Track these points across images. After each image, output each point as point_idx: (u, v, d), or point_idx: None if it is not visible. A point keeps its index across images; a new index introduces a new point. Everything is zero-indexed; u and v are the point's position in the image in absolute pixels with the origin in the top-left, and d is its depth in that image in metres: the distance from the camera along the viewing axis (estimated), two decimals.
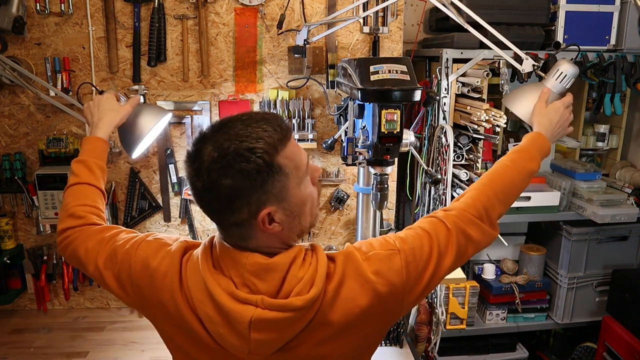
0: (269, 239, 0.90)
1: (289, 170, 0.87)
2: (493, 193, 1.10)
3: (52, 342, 1.89)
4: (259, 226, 0.86)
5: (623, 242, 2.28)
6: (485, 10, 1.95)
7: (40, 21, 1.89)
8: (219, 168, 0.82)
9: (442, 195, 1.87)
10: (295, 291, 0.85)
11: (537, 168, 1.21)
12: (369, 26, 2.01)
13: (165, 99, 2.01)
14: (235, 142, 0.83)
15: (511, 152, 1.22)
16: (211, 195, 0.85)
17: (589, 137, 2.41)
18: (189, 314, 0.90)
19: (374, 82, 1.45)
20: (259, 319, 0.84)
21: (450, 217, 1.03)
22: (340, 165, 2.12)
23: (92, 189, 1.24)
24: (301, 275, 0.87)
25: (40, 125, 1.98)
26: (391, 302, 0.93)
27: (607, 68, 1.97)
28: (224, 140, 0.84)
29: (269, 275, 0.87)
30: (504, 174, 1.16)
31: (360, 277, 0.90)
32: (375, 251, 0.94)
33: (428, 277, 0.97)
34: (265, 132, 0.84)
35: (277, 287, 0.87)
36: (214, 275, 0.88)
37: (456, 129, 1.90)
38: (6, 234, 1.99)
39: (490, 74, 1.80)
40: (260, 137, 0.83)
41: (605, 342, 2.22)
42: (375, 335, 0.99)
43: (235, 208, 0.85)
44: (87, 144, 1.33)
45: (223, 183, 0.83)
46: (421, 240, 0.98)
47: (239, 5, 1.94)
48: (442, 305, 2.02)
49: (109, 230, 1.10)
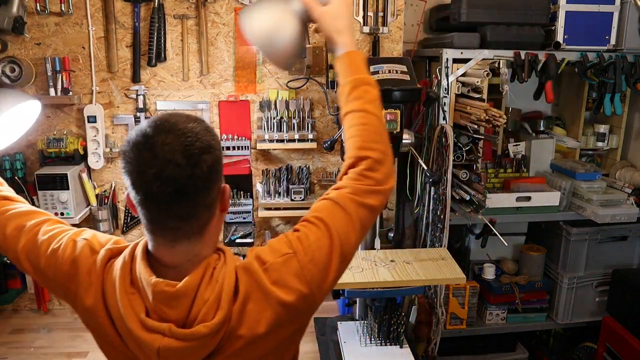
0: (215, 230, 0.91)
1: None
2: (374, 149, 1.02)
3: (52, 342, 1.89)
4: (223, 198, 0.90)
5: (623, 242, 2.28)
6: (485, 10, 1.96)
7: (40, 21, 1.89)
8: (197, 148, 0.82)
9: (442, 195, 1.87)
10: (201, 317, 0.83)
11: (376, 90, 1.09)
12: (369, 26, 2.01)
13: (165, 99, 2.01)
14: (200, 125, 0.86)
15: (351, 95, 1.07)
16: (194, 177, 0.82)
17: (589, 137, 2.41)
18: (110, 326, 0.89)
19: None
20: (166, 348, 0.83)
21: (345, 198, 0.97)
22: (340, 165, 2.12)
23: None
24: (207, 296, 0.84)
25: (40, 125, 1.98)
26: (302, 305, 0.90)
27: (607, 68, 1.97)
28: (200, 127, 0.85)
29: (177, 303, 0.84)
30: (368, 124, 1.05)
31: (263, 292, 0.88)
32: (272, 261, 0.90)
33: (335, 267, 0.93)
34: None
35: (186, 312, 0.85)
36: (129, 296, 0.86)
37: (456, 129, 1.90)
38: None
39: (490, 74, 1.80)
40: (202, 119, 0.89)
41: (605, 342, 2.22)
42: (295, 334, 0.97)
43: (212, 185, 0.86)
44: None
45: (206, 159, 0.83)
46: (318, 234, 0.93)
47: (239, 5, 1.94)
48: (442, 305, 2.02)
49: (30, 216, 1.03)
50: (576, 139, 2.38)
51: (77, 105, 1.96)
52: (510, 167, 2.22)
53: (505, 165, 2.22)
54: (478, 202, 1.83)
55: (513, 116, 2.36)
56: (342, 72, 1.09)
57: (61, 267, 0.94)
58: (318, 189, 2.15)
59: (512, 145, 2.31)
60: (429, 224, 1.97)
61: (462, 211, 1.92)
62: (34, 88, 1.94)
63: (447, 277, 1.59)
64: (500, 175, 2.20)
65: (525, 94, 2.16)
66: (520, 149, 2.31)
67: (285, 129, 2.02)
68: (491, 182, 2.19)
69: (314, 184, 2.15)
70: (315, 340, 1.83)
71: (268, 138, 2.01)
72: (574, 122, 2.42)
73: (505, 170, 2.21)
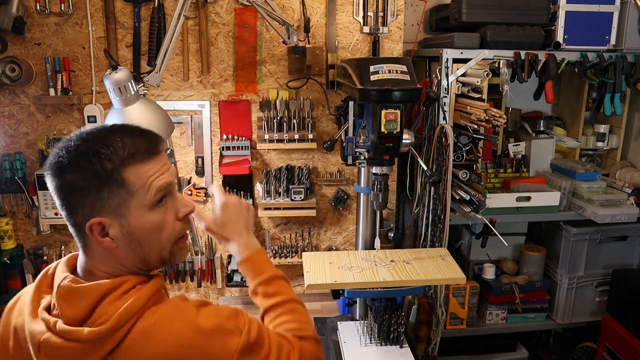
0: (105, 257, 0.88)
1: (135, 189, 0.85)
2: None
3: None
4: (91, 235, 0.85)
5: (623, 242, 2.28)
6: (485, 10, 1.96)
7: (40, 21, 1.89)
8: (66, 162, 0.83)
9: (442, 195, 1.87)
10: (91, 322, 0.81)
11: (287, 280, 1.11)
12: (369, 26, 2.01)
13: (165, 99, 2.01)
14: (89, 143, 0.84)
15: (269, 292, 1.07)
16: (53, 186, 0.85)
17: (589, 137, 2.41)
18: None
19: (374, 82, 1.46)
20: (46, 342, 0.81)
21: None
22: (340, 165, 2.12)
23: None
24: (111, 311, 0.81)
25: (40, 125, 1.98)
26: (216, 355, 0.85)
27: (607, 68, 1.97)
28: (83, 140, 0.84)
29: (75, 301, 0.82)
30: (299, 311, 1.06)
31: (186, 319, 0.85)
32: (217, 318, 0.87)
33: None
34: (120, 143, 0.84)
35: (86, 315, 0.82)
36: (41, 295, 0.88)
37: (456, 129, 1.90)
38: (6, 234, 1.99)
39: (490, 74, 1.80)
40: (111, 145, 0.83)
41: (605, 342, 2.22)
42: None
43: (72, 206, 0.85)
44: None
45: (65, 177, 0.83)
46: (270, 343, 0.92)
47: (239, 5, 1.94)
48: (442, 305, 2.02)
49: None
50: (576, 139, 2.38)
51: (77, 105, 1.96)
52: (510, 167, 2.22)
53: (505, 165, 2.22)
54: (478, 202, 1.83)
55: (513, 116, 2.36)
56: (249, 276, 1.10)
57: None
58: (318, 189, 2.15)
59: (512, 145, 2.31)
60: (429, 224, 1.97)
61: (462, 211, 1.92)
62: (34, 88, 1.94)
63: (447, 277, 1.59)
64: (500, 175, 2.20)
65: (525, 94, 2.16)
66: (520, 149, 2.31)
67: (285, 129, 2.02)
68: (491, 182, 2.19)
69: (314, 184, 2.15)
70: None
71: (268, 138, 2.01)
72: (574, 122, 2.42)
73: (505, 170, 2.21)
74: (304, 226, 2.18)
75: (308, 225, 2.18)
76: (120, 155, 0.83)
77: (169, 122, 1.56)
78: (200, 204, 2.09)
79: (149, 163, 0.87)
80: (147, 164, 0.87)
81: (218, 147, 2.06)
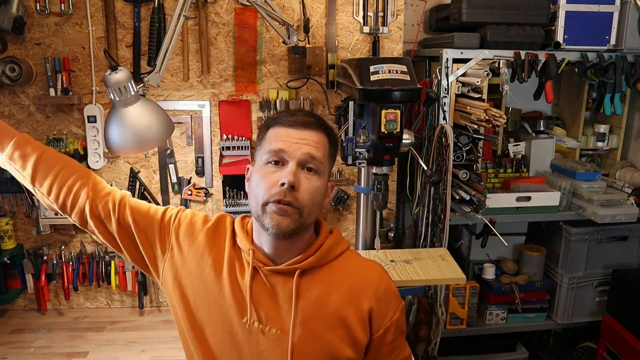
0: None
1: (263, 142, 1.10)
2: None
3: (52, 342, 1.89)
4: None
5: (623, 242, 2.28)
6: (485, 10, 1.96)
7: (40, 21, 1.89)
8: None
9: (442, 195, 1.87)
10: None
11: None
12: (369, 26, 2.01)
13: (165, 99, 2.01)
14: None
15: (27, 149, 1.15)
16: None
17: (589, 137, 2.41)
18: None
19: (374, 82, 1.45)
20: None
21: None
22: (340, 165, 2.12)
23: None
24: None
25: (40, 125, 1.98)
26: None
27: (607, 68, 1.97)
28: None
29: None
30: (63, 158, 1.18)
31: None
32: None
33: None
34: (281, 113, 1.11)
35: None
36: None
37: (456, 129, 1.90)
38: (6, 234, 1.99)
39: (490, 74, 1.80)
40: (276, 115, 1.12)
41: (605, 342, 2.22)
42: None
43: None
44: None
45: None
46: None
47: (239, 5, 1.94)
48: (442, 305, 2.02)
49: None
50: (576, 139, 2.38)
51: (77, 105, 1.96)
52: (510, 167, 2.22)
53: (505, 165, 2.22)
54: (478, 202, 1.83)
55: (513, 116, 2.36)
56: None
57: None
58: None
59: (512, 145, 2.31)
60: (429, 224, 1.97)
61: (462, 211, 1.92)
62: (34, 88, 1.94)
63: (447, 277, 1.59)
64: (500, 175, 2.20)
65: (525, 94, 2.16)
66: (520, 149, 2.31)
67: None
68: (491, 182, 2.19)
69: None
70: None
71: None
72: (574, 122, 2.42)
73: (505, 170, 2.21)
74: None
75: None
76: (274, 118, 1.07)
77: (169, 122, 1.56)
78: (200, 204, 2.09)
79: (289, 129, 1.02)
80: (287, 129, 1.03)
81: (218, 147, 2.06)
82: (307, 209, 1.00)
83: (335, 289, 1.05)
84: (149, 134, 1.50)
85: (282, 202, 0.97)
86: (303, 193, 0.99)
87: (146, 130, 1.49)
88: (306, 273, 1.05)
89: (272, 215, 0.98)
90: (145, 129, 1.49)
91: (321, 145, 1.03)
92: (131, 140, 1.49)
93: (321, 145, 1.03)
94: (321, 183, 1.03)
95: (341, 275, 1.07)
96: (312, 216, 1.03)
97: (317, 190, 1.01)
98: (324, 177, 1.04)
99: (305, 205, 0.99)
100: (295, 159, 0.99)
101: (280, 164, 1.00)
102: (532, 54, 1.93)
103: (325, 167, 1.04)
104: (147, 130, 1.49)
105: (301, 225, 1.00)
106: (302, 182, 0.99)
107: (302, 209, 0.99)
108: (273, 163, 1.01)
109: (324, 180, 1.04)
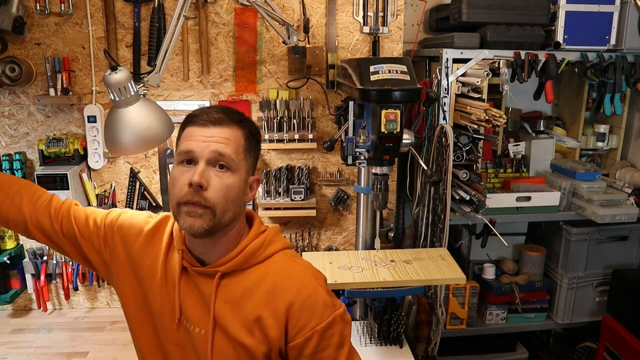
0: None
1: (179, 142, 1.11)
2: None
3: (52, 342, 1.89)
4: None
5: (623, 242, 2.28)
6: (485, 10, 1.96)
7: (40, 21, 1.89)
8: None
9: (442, 195, 1.87)
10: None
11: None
12: (369, 26, 2.01)
13: (165, 99, 2.01)
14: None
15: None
16: None
17: (589, 137, 2.41)
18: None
19: (374, 82, 1.46)
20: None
21: None
22: (340, 165, 2.12)
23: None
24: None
25: (40, 125, 1.98)
26: None
27: (607, 68, 1.97)
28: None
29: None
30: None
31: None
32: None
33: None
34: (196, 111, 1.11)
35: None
36: None
37: (456, 129, 1.90)
38: (6, 234, 1.99)
39: (490, 74, 1.80)
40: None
41: (605, 342, 2.22)
42: None
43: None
44: None
45: None
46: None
47: (239, 5, 1.94)
48: (442, 305, 2.02)
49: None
50: (576, 139, 2.38)
51: (77, 105, 1.96)
52: (510, 167, 2.22)
53: (505, 165, 2.22)
54: (478, 202, 1.83)
55: (513, 116, 2.36)
56: None
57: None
58: (318, 189, 2.15)
59: (512, 145, 2.31)
60: (429, 224, 1.97)
61: (462, 211, 1.92)
62: (34, 88, 1.94)
63: (447, 277, 1.59)
64: (500, 175, 2.20)
65: (525, 94, 2.16)
66: (520, 149, 2.31)
67: (285, 129, 2.02)
68: (491, 182, 2.19)
69: (314, 184, 2.15)
70: None
71: (268, 138, 2.01)
72: (574, 122, 2.42)
73: (505, 170, 2.21)
74: (304, 226, 2.18)
75: (308, 226, 2.18)
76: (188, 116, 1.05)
77: (169, 122, 1.56)
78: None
79: (200, 128, 1.01)
80: (198, 128, 1.01)
81: None
82: (221, 208, 0.98)
83: (256, 291, 1.03)
84: (149, 134, 1.50)
85: (190, 203, 0.97)
86: (213, 192, 0.97)
87: (146, 130, 1.49)
88: (229, 274, 1.04)
89: (185, 217, 0.98)
90: (146, 129, 1.49)
91: (232, 140, 1.00)
92: (131, 141, 1.49)
93: (232, 141, 1.00)
94: (235, 179, 1.00)
95: (264, 278, 1.04)
96: (229, 214, 1.00)
97: (230, 187, 0.99)
98: (239, 173, 1.01)
99: (217, 203, 0.97)
100: (204, 157, 0.98)
101: (193, 164, 0.99)
102: (532, 54, 1.93)
103: (239, 163, 1.01)
104: (147, 130, 1.49)
105: (217, 224, 0.99)
106: (212, 180, 0.98)
107: (214, 207, 0.97)
108: (186, 162, 1.00)
109: (239, 176, 1.01)
